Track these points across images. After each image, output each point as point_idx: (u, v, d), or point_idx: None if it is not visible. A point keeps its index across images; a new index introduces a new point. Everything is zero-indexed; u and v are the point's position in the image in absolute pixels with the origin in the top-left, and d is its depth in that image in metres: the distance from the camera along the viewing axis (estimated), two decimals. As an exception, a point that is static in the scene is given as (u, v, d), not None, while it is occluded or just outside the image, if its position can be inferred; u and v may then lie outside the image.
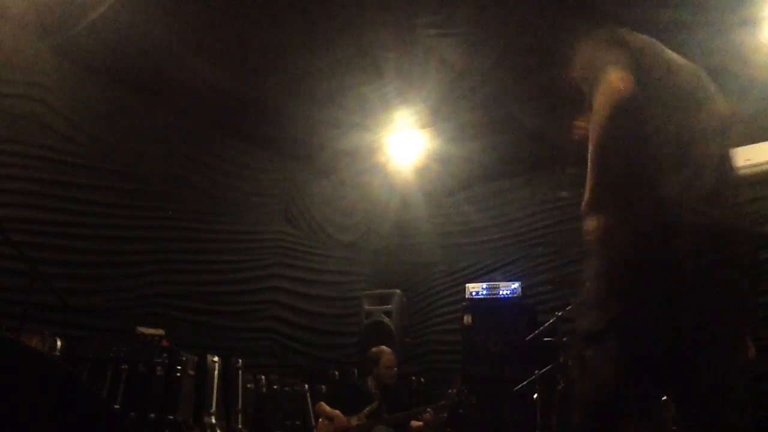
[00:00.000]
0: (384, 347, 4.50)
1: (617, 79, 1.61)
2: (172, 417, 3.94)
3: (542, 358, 4.74)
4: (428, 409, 4.11)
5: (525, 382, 4.68)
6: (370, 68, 4.75)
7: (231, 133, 5.91)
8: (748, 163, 5.06)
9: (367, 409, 4.14)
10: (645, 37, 1.89)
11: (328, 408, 4.18)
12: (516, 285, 5.65)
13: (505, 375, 5.17)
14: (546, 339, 4.71)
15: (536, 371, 4.60)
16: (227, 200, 5.86)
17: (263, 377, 5.01)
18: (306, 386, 5.23)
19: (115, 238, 4.87)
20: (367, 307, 6.16)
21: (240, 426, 4.48)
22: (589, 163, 1.65)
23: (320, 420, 4.24)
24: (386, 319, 5.96)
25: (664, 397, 3.28)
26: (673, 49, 1.93)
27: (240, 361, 4.77)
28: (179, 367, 4.07)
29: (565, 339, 4.47)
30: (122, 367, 3.72)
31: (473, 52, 4.53)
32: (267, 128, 5.84)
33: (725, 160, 1.68)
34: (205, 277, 5.49)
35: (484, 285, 5.81)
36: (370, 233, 7.29)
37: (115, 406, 3.56)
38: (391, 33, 4.33)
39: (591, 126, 1.65)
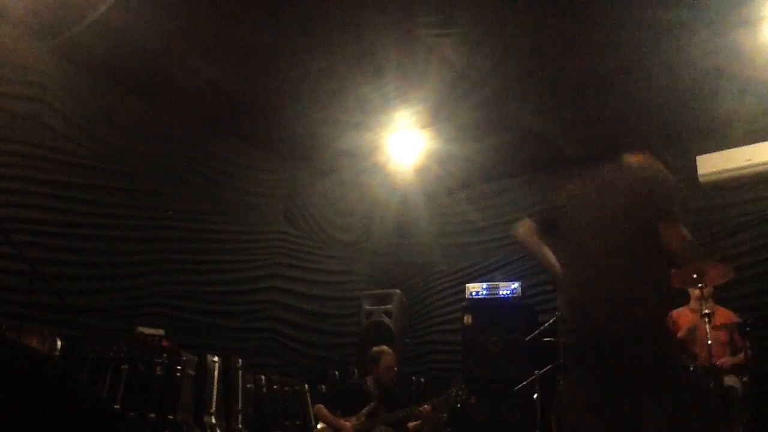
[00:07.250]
0: (385, 347, 4.48)
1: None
2: (172, 417, 3.94)
3: (542, 358, 4.73)
4: (425, 405, 4.10)
5: (525, 382, 4.68)
6: (370, 68, 4.75)
7: (231, 133, 5.91)
8: (748, 163, 5.05)
9: (366, 409, 4.14)
10: None
11: (328, 414, 4.16)
12: (516, 285, 5.64)
13: (505, 375, 5.16)
14: (546, 339, 4.70)
15: (536, 371, 4.60)
16: (227, 200, 5.86)
17: (263, 377, 5.01)
18: (306, 386, 5.23)
19: (115, 238, 4.87)
20: (367, 307, 6.15)
21: (240, 426, 4.48)
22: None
23: (319, 422, 4.24)
24: (386, 319, 5.95)
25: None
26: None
27: (240, 361, 4.77)
28: (179, 367, 4.07)
29: (565, 339, 4.47)
30: (122, 367, 3.72)
31: (473, 52, 4.53)
32: (267, 128, 5.83)
33: None
34: (205, 277, 5.49)
35: (484, 285, 5.80)
36: (370, 233, 7.29)
37: (115, 406, 3.55)
38: (391, 33, 4.33)
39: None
